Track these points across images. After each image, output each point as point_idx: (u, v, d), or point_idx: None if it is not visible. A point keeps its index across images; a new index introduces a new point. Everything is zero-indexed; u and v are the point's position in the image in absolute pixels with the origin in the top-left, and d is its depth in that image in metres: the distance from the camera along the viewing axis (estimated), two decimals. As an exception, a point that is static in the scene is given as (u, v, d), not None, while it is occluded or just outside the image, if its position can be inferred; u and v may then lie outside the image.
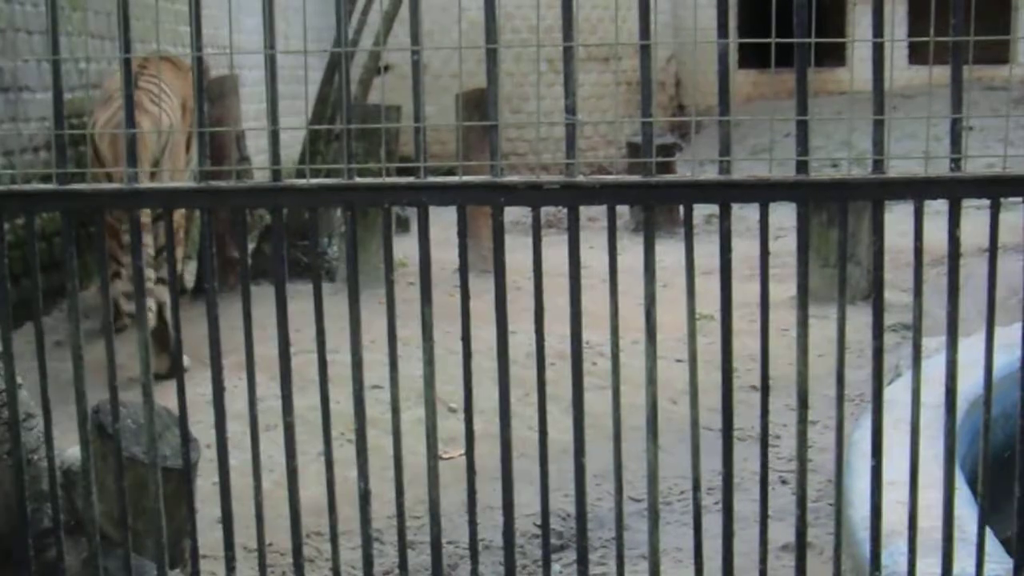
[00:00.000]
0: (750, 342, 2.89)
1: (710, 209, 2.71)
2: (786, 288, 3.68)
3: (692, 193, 2.59)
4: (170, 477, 3.02)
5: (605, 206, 2.60)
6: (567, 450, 2.73)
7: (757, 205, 2.59)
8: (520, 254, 3.02)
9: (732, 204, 2.58)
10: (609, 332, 2.64)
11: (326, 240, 8.79)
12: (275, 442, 3.21)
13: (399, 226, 10.31)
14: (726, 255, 2.58)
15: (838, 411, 2.61)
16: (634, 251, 2.80)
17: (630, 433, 2.80)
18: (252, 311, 2.70)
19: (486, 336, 2.76)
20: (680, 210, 2.68)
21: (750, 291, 2.69)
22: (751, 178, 2.57)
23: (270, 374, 3.16)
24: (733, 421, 2.66)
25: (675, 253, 3.11)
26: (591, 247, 3.51)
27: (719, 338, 2.62)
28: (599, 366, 5.79)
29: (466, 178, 2.62)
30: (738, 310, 2.62)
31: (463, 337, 2.65)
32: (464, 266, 2.68)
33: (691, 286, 2.60)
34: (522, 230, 3.06)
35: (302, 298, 2.82)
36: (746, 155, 12.64)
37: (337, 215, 8.61)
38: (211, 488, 3.28)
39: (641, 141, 2.62)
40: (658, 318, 2.63)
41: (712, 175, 2.59)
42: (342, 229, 8.22)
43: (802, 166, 2.54)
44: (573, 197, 2.58)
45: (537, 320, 2.63)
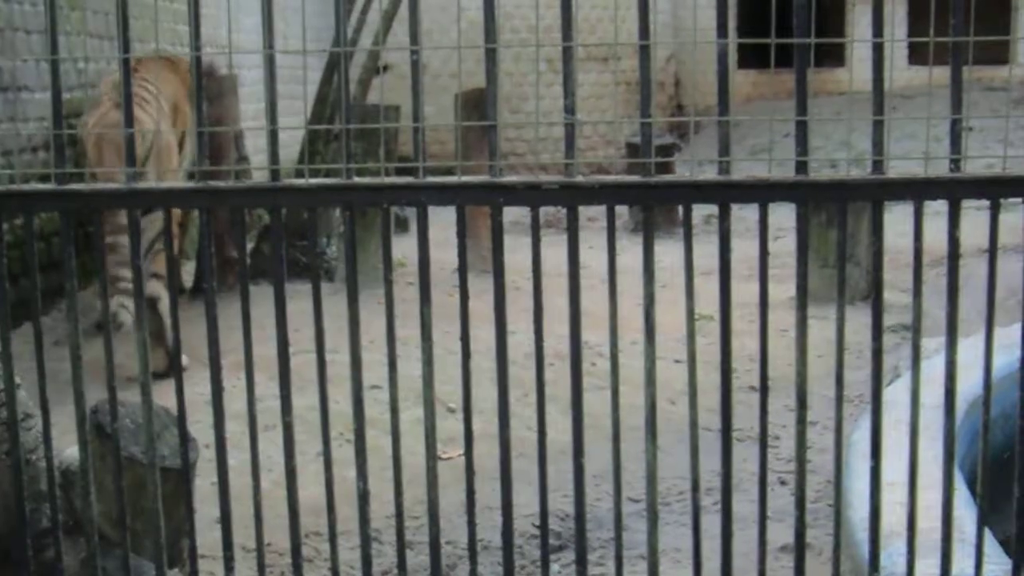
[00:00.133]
0: (749, 343, 2.89)
1: (709, 209, 2.71)
2: (785, 288, 3.68)
3: (691, 193, 2.59)
4: (168, 477, 3.02)
5: (604, 206, 2.60)
6: (566, 450, 2.73)
7: (756, 205, 2.59)
8: (519, 254, 3.02)
9: (731, 204, 2.58)
10: (608, 332, 2.63)
11: (325, 240, 8.79)
12: (274, 442, 3.21)
13: (398, 226, 10.31)
14: (725, 255, 2.58)
15: (837, 412, 2.61)
16: (633, 251, 2.79)
17: (629, 433, 2.80)
18: (251, 311, 2.70)
19: (485, 336, 2.76)
20: (679, 210, 2.68)
21: (749, 291, 2.68)
22: (750, 178, 2.57)
23: (269, 374, 3.16)
24: (732, 422, 2.65)
25: (674, 253, 3.11)
26: (590, 247, 3.51)
27: (718, 339, 2.62)
28: (598, 366, 5.79)
29: (465, 178, 2.62)
30: (737, 310, 2.62)
31: (462, 337, 2.65)
32: (463, 266, 2.68)
33: (690, 286, 2.60)
34: (521, 230, 3.05)
35: (301, 298, 2.82)
36: (745, 155, 12.64)
37: (336, 215, 8.61)
38: (210, 488, 3.28)
39: (640, 141, 2.62)
40: (657, 318, 2.63)
41: (711, 175, 2.59)
42: (341, 229, 8.23)
43: (801, 166, 2.54)
44: (572, 197, 2.58)
45: (536, 320, 2.63)
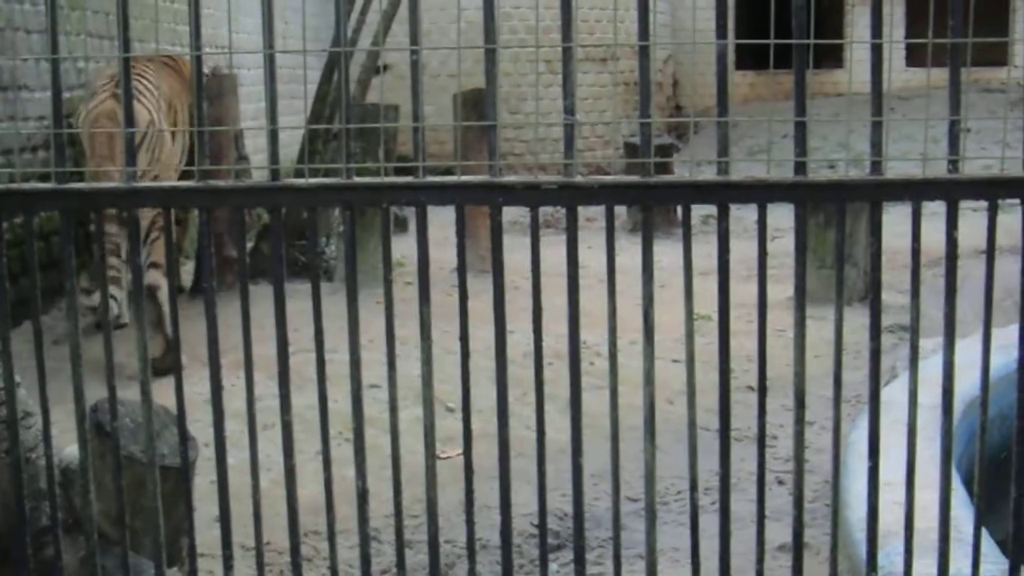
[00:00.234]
0: (747, 343, 2.89)
1: (708, 210, 2.71)
2: (783, 289, 3.69)
3: (690, 194, 2.59)
4: (168, 476, 3.02)
5: (603, 206, 2.60)
6: (564, 450, 2.73)
7: (755, 206, 2.60)
8: (518, 254, 3.02)
9: (730, 205, 2.59)
10: (607, 332, 2.64)
11: (324, 239, 8.79)
12: (273, 441, 3.22)
13: (397, 226, 10.31)
14: (724, 256, 2.58)
15: (835, 412, 2.61)
16: (632, 251, 2.80)
17: (627, 433, 2.81)
18: (250, 310, 2.70)
19: (484, 336, 2.76)
20: (678, 210, 2.68)
21: (747, 292, 2.69)
22: (749, 179, 2.57)
23: (268, 373, 3.17)
24: (730, 421, 2.66)
25: (673, 253, 3.11)
26: (589, 247, 3.51)
27: (716, 338, 2.62)
28: (597, 366, 5.80)
29: (464, 178, 2.62)
30: (735, 311, 2.62)
31: (461, 337, 2.65)
32: (462, 266, 2.68)
33: (689, 287, 2.60)
34: (520, 230, 3.06)
35: (300, 297, 2.82)
36: (744, 156, 12.65)
37: (335, 214, 8.61)
38: (209, 487, 3.28)
39: (639, 141, 2.62)
40: (656, 318, 2.63)
41: (710, 176, 2.59)
42: (340, 228, 8.23)
43: (800, 167, 2.55)
44: (571, 197, 2.58)
45: (535, 320, 2.63)
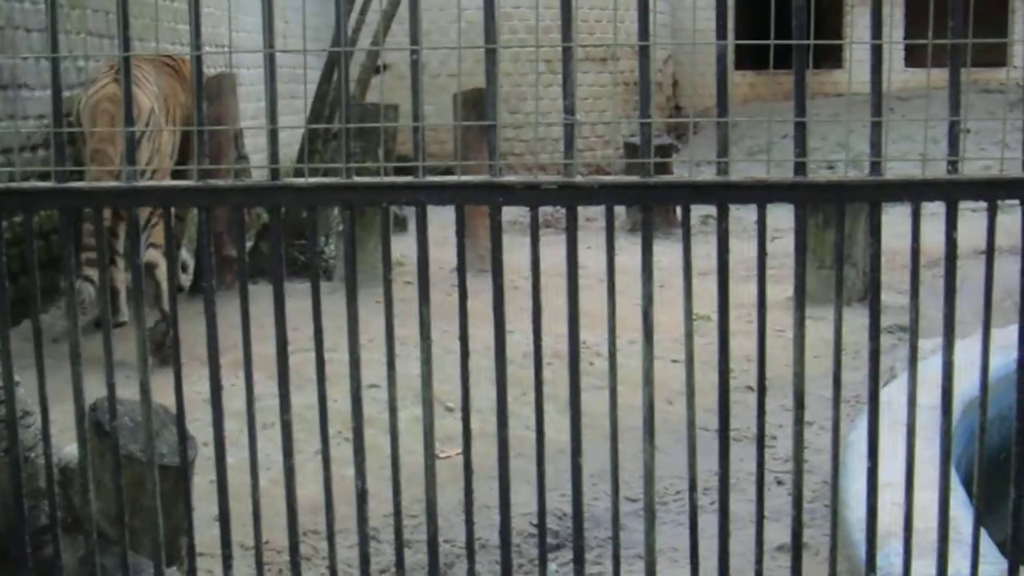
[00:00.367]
0: (747, 343, 2.90)
1: (707, 210, 2.71)
2: (783, 289, 3.69)
3: (690, 194, 2.59)
4: (167, 475, 3.02)
5: (603, 206, 2.60)
6: (564, 450, 2.73)
7: (754, 206, 2.60)
8: (518, 254, 3.02)
9: (729, 205, 2.59)
10: (606, 332, 2.64)
11: (324, 239, 8.79)
12: (272, 440, 3.22)
13: (397, 225, 10.31)
14: (723, 256, 2.58)
15: (834, 412, 2.61)
16: (631, 251, 2.80)
17: (627, 433, 2.81)
18: (250, 310, 2.71)
19: (484, 335, 2.76)
20: (677, 211, 2.69)
21: (747, 292, 2.69)
22: (748, 179, 2.57)
23: (268, 372, 3.17)
24: (729, 422, 2.66)
25: (672, 254, 3.11)
26: (588, 247, 3.51)
27: (716, 339, 2.62)
28: (596, 366, 5.80)
29: (464, 178, 2.62)
30: (735, 311, 2.62)
31: (461, 336, 2.65)
32: (462, 265, 2.68)
33: (688, 287, 2.60)
34: (520, 230, 3.06)
35: (300, 297, 2.82)
36: (743, 156, 12.66)
37: (335, 214, 8.61)
38: (208, 486, 3.28)
39: (639, 141, 2.62)
40: (655, 318, 2.63)
41: (710, 176, 2.59)
42: (340, 228, 8.23)
43: (800, 167, 2.55)
44: (571, 197, 2.58)
45: (534, 320, 2.63)
